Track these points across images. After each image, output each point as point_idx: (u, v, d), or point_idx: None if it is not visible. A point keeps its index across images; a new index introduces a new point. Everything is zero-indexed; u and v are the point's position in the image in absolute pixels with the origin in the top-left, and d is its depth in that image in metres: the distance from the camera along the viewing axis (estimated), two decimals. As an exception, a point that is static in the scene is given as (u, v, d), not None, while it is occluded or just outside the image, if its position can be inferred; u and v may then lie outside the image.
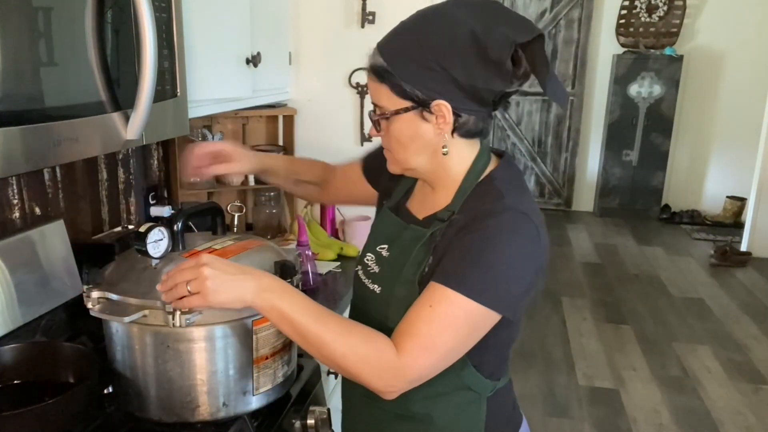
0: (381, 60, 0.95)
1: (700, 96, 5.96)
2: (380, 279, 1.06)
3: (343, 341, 0.90)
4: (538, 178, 6.43)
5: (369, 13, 2.20)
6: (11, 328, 1.20)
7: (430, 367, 0.91)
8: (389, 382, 0.90)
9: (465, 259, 0.91)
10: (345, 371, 0.92)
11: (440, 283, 0.91)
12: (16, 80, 0.84)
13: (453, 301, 0.89)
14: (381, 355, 0.89)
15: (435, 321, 0.90)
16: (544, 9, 5.99)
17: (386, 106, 0.97)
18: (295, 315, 0.90)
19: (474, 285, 0.89)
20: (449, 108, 0.94)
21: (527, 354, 3.46)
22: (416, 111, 0.96)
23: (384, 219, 1.13)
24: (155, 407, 1.05)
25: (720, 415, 2.92)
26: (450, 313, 0.90)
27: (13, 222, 1.31)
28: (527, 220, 0.94)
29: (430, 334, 0.89)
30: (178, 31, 1.18)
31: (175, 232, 1.06)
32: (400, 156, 1.01)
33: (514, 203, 0.95)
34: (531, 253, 0.94)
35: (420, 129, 0.97)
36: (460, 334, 0.91)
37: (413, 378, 0.91)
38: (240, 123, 2.30)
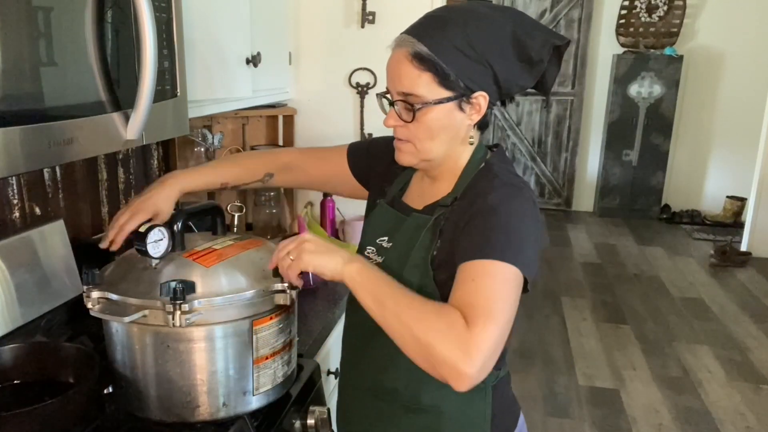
0: (426, 49, 0.96)
1: (700, 96, 5.96)
2: (386, 268, 1.05)
3: (417, 311, 0.89)
4: (538, 178, 6.43)
5: (369, 13, 2.20)
6: (11, 328, 1.20)
7: (498, 337, 0.87)
8: (460, 353, 0.84)
9: (483, 231, 0.94)
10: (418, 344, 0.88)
11: (470, 259, 0.92)
12: (16, 80, 0.84)
13: (490, 269, 0.90)
14: (453, 326, 0.86)
15: (485, 290, 0.89)
16: (544, 9, 5.99)
17: (425, 95, 0.97)
18: (375, 286, 0.92)
19: (500, 249, 0.91)
20: (487, 100, 1.00)
21: (527, 354, 3.46)
22: (456, 101, 0.98)
23: (381, 213, 1.15)
24: (155, 407, 1.05)
25: (720, 415, 2.92)
26: (494, 281, 0.90)
27: (13, 222, 1.31)
28: (521, 191, 1.00)
29: (487, 303, 0.88)
30: (178, 31, 1.18)
31: (175, 232, 1.06)
32: (425, 146, 1.02)
33: (507, 180, 1.02)
34: (532, 219, 0.98)
35: (454, 119, 1.00)
36: (509, 298, 0.91)
37: (486, 351, 0.85)
38: (240, 123, 2.30)
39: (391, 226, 1.10)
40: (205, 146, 2.11)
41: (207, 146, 2.11)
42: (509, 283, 0.91)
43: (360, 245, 1.16)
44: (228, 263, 1.05)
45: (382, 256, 1.09)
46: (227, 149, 2.26)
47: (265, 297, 1.05)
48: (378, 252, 1.10)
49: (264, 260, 1.11)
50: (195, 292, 0.99)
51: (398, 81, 0.99)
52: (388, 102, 1.03)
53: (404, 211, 1.10)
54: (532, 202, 1.00)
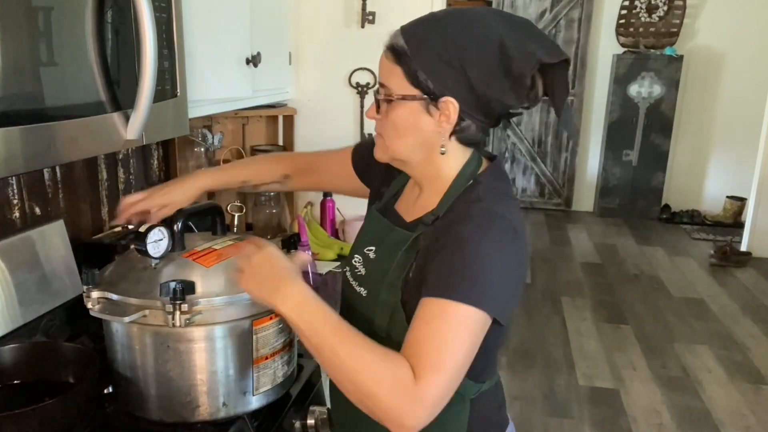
0: (402, 42, 0.94)
1: (700, 96, 5.96)
2: (366, 282, 1.05)
3: (360, 358, 0.85)
4: (538, 178, 6.43)
5: (369, 13, 2.20)
6: (11, 328, 1.20)
7: (444, 387, 0.85)
8: (406, 407, 0.83)
9: (446, 266, 0.90)
10: (358, 391, 0.86)
11: (429, 296, 0.88)
12: (16, 80, 0.84)
13: (448, 311, 0.86)
14: (398, 377, 0.83)
15: (435, 338, 0.86)
16: (544, 9, 5.99)
17: (394, 89, 0.96)
18: (310, 328, 0.88)
19: (460, 289, 0.87)
20: (456, 108, 0.94)
21: (527, 354, 3.46)
22: (423, 102, 0.95)
23: (371, 220, 1.12)
24: (155, 407, 1.05)
25: (720, 415, 2.92)
26: (448, 325, 0.86)
27: (13, 222, 1.32)
28: (501, 219, 0.93)
29: (437, 353, 0.85)
30: (178, 31, 1.18)
31: (175, 232, 1.06)
32: (392, 143, 0.99)
33: (489, 205, 0.95)
34: (509, 252, 0.92)
35: (420, 121, 0.96)
36: (463, 344, 0.87)
37: (432, 403, 0.84)
38: (240, 123, 2.30)
39: (379, 236, 1.07)
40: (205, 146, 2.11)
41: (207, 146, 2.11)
42: (465, 327, 0.86)
43: (351, 250, 1.14)
44: (228, 263, 1.05)
45: (365, 268, 1.06)
46: (227, 149, 2.26)
47: (265, 297, 1.05)
48: (363, 262, 1.07)
49: (264, 260, 1.11)
50: (195, 292, 0.99)
51: (380, 72, 0.99)
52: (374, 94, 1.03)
53: (393, 220, 1.07)
54: (512, 232, 0.93)
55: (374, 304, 1.01)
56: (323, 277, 1.84)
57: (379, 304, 0.99)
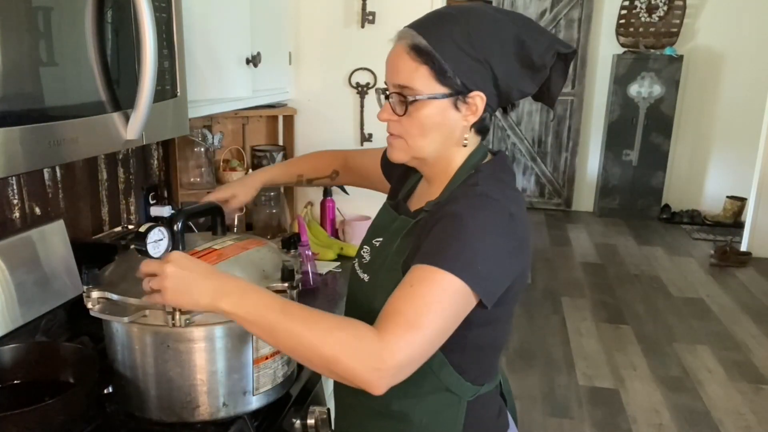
0: (425, 42, 0.94)
1: (700, 96, 5.96)
2: (369, 268, 1.07)
3: (316, 328, 0.84)
4: (538, 178, 6.43)
5: (369, 13, 2.20)
6: (11, 328, 1.20)
7: (417, 346, 0.84)
8: (374, 365, 0.82)
9: (438, 237, 0.91)
10: (323, 361, 0.84)
11: (417, 263, 0.90)
12: (16, 80, 0.84)
13: (432, 277, 0.87)
14: (360, 337, 0.83)
15: (417, 298, 0.86)
16: (544, 9, 5.99)
17: (420, 89, 0.95)
18: (257, 315, 0.86)
19: (448, 258, 0.88)
20: (484, 101, 0.97)
21: (527, 354, 3.46)
22: (452, 99, 0.96)
23: (381, 213, 1.15)
24: (155, 407, 1.05)
25: (720, 415, 2.92)
26: (430, 289, 0.86)
27: (13, 222, 1.31)
28: (495, 202, 0.94)
29: (415, 312, 0.85)
30: (178, 31, 1.18)
31: (175, 232, 1.06)
32: (417, 143, 0.99)
33: (485, 190, 0.96)
34: (502, 233, 0.93)
35: (448, 117, 0.97)
36: (444, 310, 0.87)
37: (401, 359, 0.83)
38: (240, 123, 2.30)
39: (385, 225, 1.10)
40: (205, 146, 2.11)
41: (207, 146, 2.11)
42: (448, 294, 0.87)
43: (361, 244, 1.16)
44: (228, 263, 1.05)
45: (370, 256, 1.09)
46: (227, 149, 2.26)
47: (265, 297, 1.05)
48: (370, 252, 1.10)
49: (264, 260, 1.11)
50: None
51: (395, 73, 0.97)
52: (385, 96, 1.01)
53: (400, 211, 1.10)
54: (507, 215, 0.94)
55: (375, 288, 1.03)
56: (323, 277, 1.84)
57: (379, 289, 1.01)
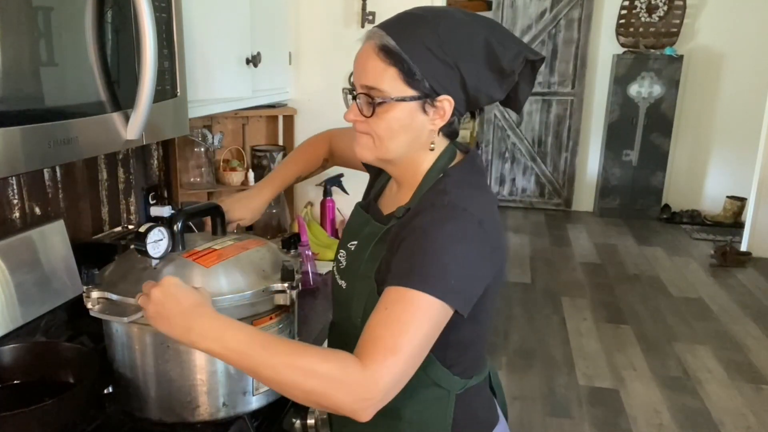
0: (393, 42, 0.93)
1: (700, 96, 5.96)
2: (346, 274, 1.07)
3: (299, 363, 0.83)
4: (538, 178, 6.43)
5: (369, 13, 2.20)
6: (11, 328, 1.20)
7: (399, 370, 0.85)
8: (361, 396, 0.83)
9: (406, 255, 0.91)
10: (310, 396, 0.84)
11: (389, 284, 0.90)
12: (16, 80, 0.84)
13: (405, 298, 0.87)
14: (345, 369, 0.83)
15: (393, 322, 0.86)
16: (544, 9, 5.99)
17: (387, 91, 0.94)
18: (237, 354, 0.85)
19: (418, 277, 0.88)
20: (452, 105, 0.96)
21: (527, 354, 3.46)
22: (420, 102, 0.95)
23: (354, 215, 1.14)
24: (155, 407, 1.05)
25: (720, 415, 2.92)
26: (405, 311, 0.87)
27: (13, 222, 1.31)
28: (462, 212, 0.93)
29: (392, 336, 0.85)
30: (178, 31, 1.18)
31: (175, 232, 1.06)
32: (383, 144, 0.98)
33: (453, 199, 0.95)
34: (471, 241, 0.92)
35: (416, 121, 0.96)
36: (420, 329, 0.87)
37: (385, 385, 0.84)
38: (240, 123, 2.30)
39: (358, 229, 1.09)
40: (205, 146, 2.11)
41: (207, 146, 2.11)
42: (422, 312, 0.87)
43: (338, 246, 1.14)
44: (228, 263, 1.05)
45: (346, 261, 1.08)
46: (227, 149, 2.26)
47: (265, 297, 1.05)
48: (346, 256, 1.08)
49: (264, 260, 1.11)
50: (195, 292, 0.99)
51: (363, 74, 0.96)
52: (352, 96, 1.00)
53: (372, 214, 1.09)
54: (476, 223, 0.93)
55: (351, 295, 1.03)
56: (323, 277, 1.84)
57: (354, 296, 1.01)
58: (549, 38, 6.02)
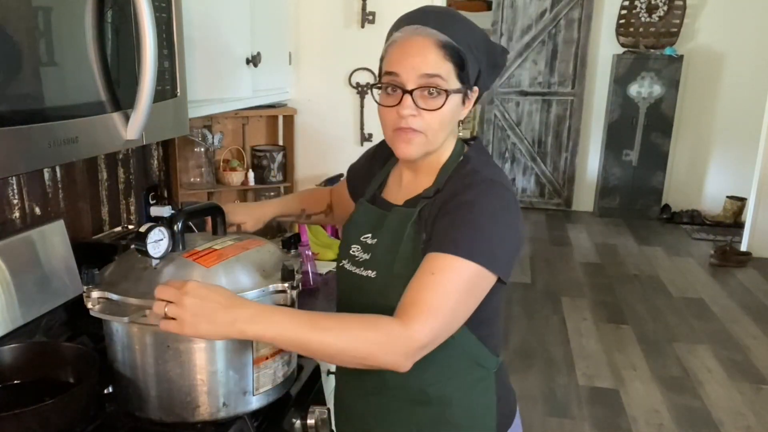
0: (450, 40, 0.98)
1: (700, 96, 5.96)
2: (374, 263, 1.07)
3: (346, 336, 0.90)
4: (538, 178, 6.43)
5: (369, 13, 2.20)
6: (11, 328, 1.20)
7: (438, 329, 0.93)
8: (402, 351, 0.91)
9: (454, 226, 0.97)
10: (359, 361, 0.92)
11: (436, 251, 0.95)
12: (16, 80, 0.84)
13: (452, 265, 0.93)
14: (388, 332, 0.90)
15: (438, 286, 0.93)
16: (544, 9, 5.99)
17: (444, 84, 0.99)
18: (287, 336, 0.89)
19: (468, 246, 0.94)
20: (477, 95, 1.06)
21: (527, 354, 3.46)
22: (462, 94, 1.03)
23: (363, 212, 1.15)
24: (155, 407, 1.05)
25: (720, 415, 2.92)
26: (451, 277, 0.93)
27: (13, 222, 1.32)
28: (502, 187, 1.02)
29: (436, 298, 0.92)
30: (178, 31, 1.18)
31: (175, 232, 1.06)
32: (437, 137, 1.03)
33: (488, 175, 1.03)
34: (510, 216, 1.00)
35: (458, 111, 1.04)
36: (463, 295, 0.94)
37: (425, 342, 0.92)
38: (240, 123, 2.30)
39: (374, 223, 1.10)
40: (205, 146, 2.11)
41: (207, 146, 2.11)
42: (467, 279, 0.94)
43: (343, 245, 1.16)
44: (228, 263, 1.05)
45: (369, 253, 1.09)
46: (227, 149, 2.26)
47: (265, 297, 1.05)
48: (363, 249, 1.10)
49: (264, 260, 1.11)
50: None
51: (424, 64, 0.98)
52: (402, 90, 0.99)
53: (385, 207, 1.12)
54: (510, 196, 1.02)
55: (387, 282, 1.04)
56: (323, 277, 1.84)
57: (393, 281, 1.02)
58: (549, 38, 6.02)
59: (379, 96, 1.05)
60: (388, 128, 1.04)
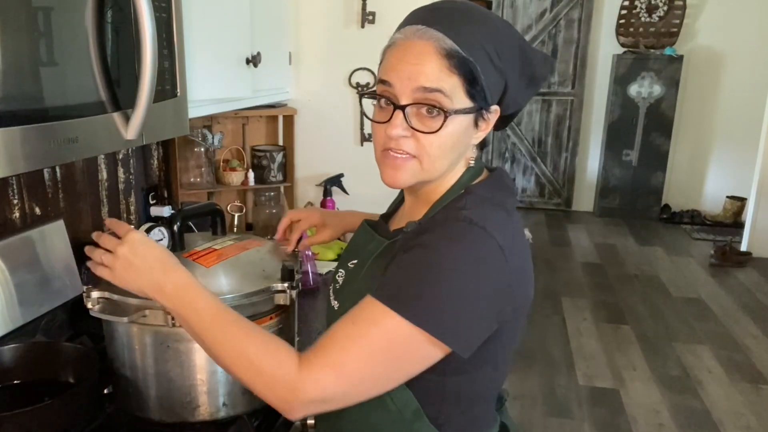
0: (457, 48, 0.79)
1: (700, 96, 5.96)
2: (339, 294, 0.96)
3: (239, 345, 0.79)
4: (538, 178, 6.43)
5: (369, 13, 2.20)
6: (11, 328, 1.20)
7: (335, 391, 0.77)
8: (283, 397, 0.77)
9: (402, 270, 0.79)
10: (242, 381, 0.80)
11: (372, 295, 0.78)
12: (16, 80, 0.84)
13: (378, 318, 0.76)
14: (278, 366, 0.77)
15: (354, 339, 0.76)
16: (544, 9, 5.99)
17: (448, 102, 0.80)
18: (188, 316, 0.83)
19: (405, 297, 0.76)
20: (498, 115, 0.86)
21: (527, 354, 3.46)
22: (477, 114, 0.83)
23: (359, 232, 1.01)
24: (155, 407, 1.05)
25: (720, 415, 2.92)
26: (372, 333, 0.76)
27: (13, 222, 1.31)
28: (481, 232, 0.79)
29: (344, 353, 0.76)
30: (178, 31, 1.18)
31: (175, 232, 1.06)
32: (433, 165, 0.84)
33: (472, 215, 0.80)
34: (484, 267, 0.78)
35: (468, 134, 0.85)
36: (384, 357, 0.77)
37: (311, 398, 0.76)
38: (240, 123, 2.30)
39: (361, 247, 0.97)
40: (205, 146, 2.11)
41: (207, 146, 2.11)
42: (391, 340, 0.76)
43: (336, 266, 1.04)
44: (228, 263, 1.05)
45: (343, 281, 0.97)
46: (227, 149, 2.26)
47: (265, 297, 1.05)
48: (344, 276, 0.97)
49: (264, 260, 1.11)
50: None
51: (422, 75, 0.79)
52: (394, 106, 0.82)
53: (379, 231, 0.96)
54: (494, 248, 0.79)
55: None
56: (323, 277, 1.84)
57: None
58: (549, 38, 6.02)
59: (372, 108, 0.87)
60: (376, 148, 0.86)
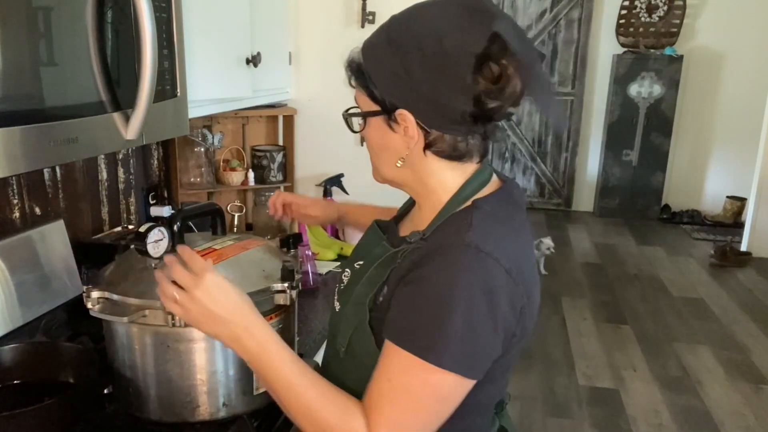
0: (359, 56, 0.89)
1: (700, 96, 5.96)
2: (342, 296, 0.97)
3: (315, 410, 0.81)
4: (538, 178, 6.43)
5: (369, 13, 2.20)
6: (11, 328, 1.20)
7: None
8: None
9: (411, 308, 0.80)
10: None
11: (392, 341, 0.80)
12: (16, 80, 0.84)
13: (408, 367, 0.78)
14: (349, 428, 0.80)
15: (397, 396, 0.79)
16: (544, 9, 5.99)
17: (360, 107, 0.91)
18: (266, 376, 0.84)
19: (423, 344, 0.77)
20: (412, 120, 0.83)
21: (527, 354, 3.46)
22: (383, 117, 0.87)
23: (368, 233, 1.02)
24: (155, 407, 1.05)
25: (720, 415, 2.92)
26: (410, 385, 0.79)
27: (13, 222, 1.32)
28: (487, 258, 0.78)
29: (397, 412, 0.79)
30: (178, 31, 1.18)
31: (175, 232, 1.06)
32: (374, 164, 0.94)
33: (479, 240, 0.79)
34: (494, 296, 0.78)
35: (388, 138, 0.87)
36: (429, 403, 0.80)
37: None
38: (240, 123, 2.30)
39: (368, 248, 0.97)
40: (205, 146, 2.11)
41: (207, 146, 2.11)
42: (432, 386, 0.78)
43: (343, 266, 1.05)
44: (228, 263, 1.05)
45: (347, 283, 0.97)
46: (227, 149, 2.26)
47: (265, 297, 1.05)
48: (349, 277, 0.97)
49: (264, 260, 1.11)
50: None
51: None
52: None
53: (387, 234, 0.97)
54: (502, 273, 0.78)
55: (341, 320, 0.93)
56: (323, 277, 1.84)
57: (343, 321, 0.92)
58: (549, 38, 6.02)
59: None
60: None
